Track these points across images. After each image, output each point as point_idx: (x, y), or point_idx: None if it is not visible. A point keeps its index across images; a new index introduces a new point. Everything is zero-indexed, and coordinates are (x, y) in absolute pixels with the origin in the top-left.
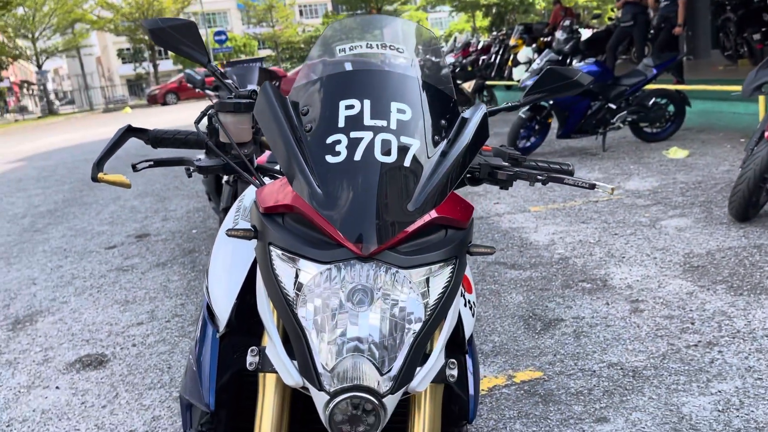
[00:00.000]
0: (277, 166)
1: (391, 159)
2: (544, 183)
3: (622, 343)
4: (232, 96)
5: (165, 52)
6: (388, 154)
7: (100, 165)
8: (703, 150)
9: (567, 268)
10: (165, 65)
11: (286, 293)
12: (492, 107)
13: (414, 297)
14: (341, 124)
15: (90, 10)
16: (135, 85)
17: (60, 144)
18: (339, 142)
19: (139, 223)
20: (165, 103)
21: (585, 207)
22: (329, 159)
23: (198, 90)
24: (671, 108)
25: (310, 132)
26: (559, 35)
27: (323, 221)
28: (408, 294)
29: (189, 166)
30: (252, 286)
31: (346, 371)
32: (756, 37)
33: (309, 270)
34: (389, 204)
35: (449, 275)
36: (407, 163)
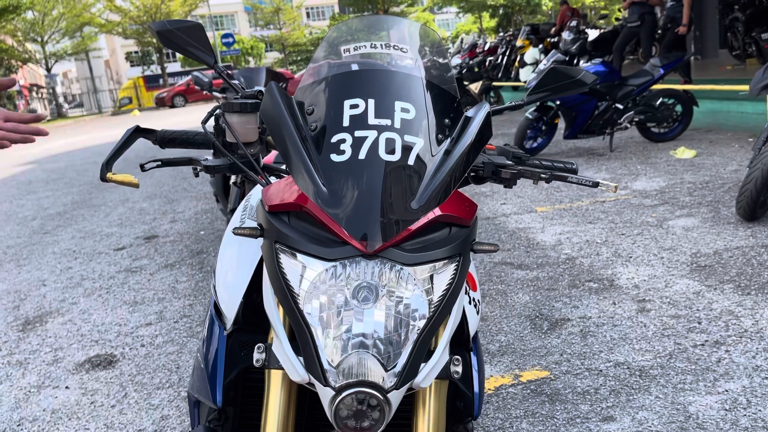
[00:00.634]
0: (283, 165)
1: (395, 158)
2: (547, 181)
3: (628, 343)
4: (238, 97)
5: (173, 54)
6: (392, 152)
7: (109, 165)
8: (711, 150)
9: (574, 268)
10: (173, 67)
11: (291, 290)
12: (496, 106)
13: (418, 294)
14: (346, 123)
15: (98, 13)
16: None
17: (69, 147)
18: (344, 141)
19: (148, 225)
20: (173, 106)
21: (592, 207)
22: (334, 158)
23: (205, 92)
24: (679, 108)
25: (315, 131)
26: (566, 36)
27: (328, 219)
28: (412, 291)
29: (196, 165)
30: (258, 284)
31: (351, 367)
32: (764, 37)
33: (314, 267)
34: (393, 202)
35: (453, 272)
36: (411, 162)
